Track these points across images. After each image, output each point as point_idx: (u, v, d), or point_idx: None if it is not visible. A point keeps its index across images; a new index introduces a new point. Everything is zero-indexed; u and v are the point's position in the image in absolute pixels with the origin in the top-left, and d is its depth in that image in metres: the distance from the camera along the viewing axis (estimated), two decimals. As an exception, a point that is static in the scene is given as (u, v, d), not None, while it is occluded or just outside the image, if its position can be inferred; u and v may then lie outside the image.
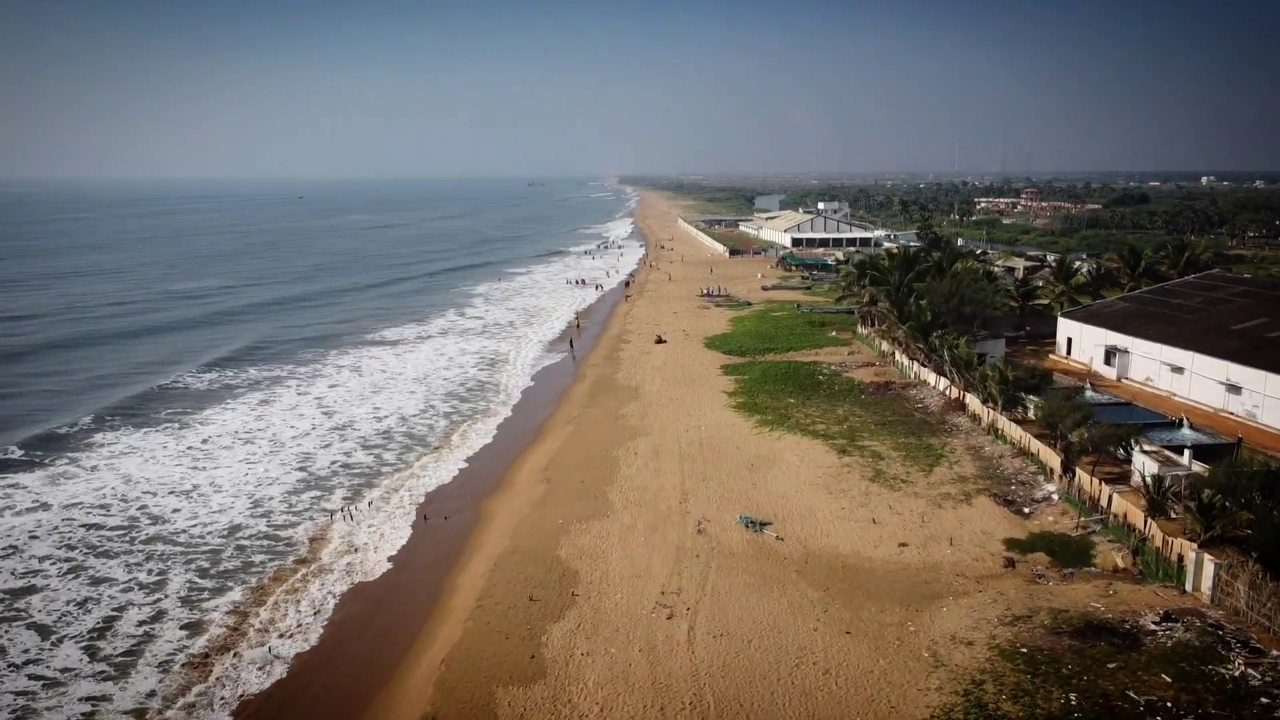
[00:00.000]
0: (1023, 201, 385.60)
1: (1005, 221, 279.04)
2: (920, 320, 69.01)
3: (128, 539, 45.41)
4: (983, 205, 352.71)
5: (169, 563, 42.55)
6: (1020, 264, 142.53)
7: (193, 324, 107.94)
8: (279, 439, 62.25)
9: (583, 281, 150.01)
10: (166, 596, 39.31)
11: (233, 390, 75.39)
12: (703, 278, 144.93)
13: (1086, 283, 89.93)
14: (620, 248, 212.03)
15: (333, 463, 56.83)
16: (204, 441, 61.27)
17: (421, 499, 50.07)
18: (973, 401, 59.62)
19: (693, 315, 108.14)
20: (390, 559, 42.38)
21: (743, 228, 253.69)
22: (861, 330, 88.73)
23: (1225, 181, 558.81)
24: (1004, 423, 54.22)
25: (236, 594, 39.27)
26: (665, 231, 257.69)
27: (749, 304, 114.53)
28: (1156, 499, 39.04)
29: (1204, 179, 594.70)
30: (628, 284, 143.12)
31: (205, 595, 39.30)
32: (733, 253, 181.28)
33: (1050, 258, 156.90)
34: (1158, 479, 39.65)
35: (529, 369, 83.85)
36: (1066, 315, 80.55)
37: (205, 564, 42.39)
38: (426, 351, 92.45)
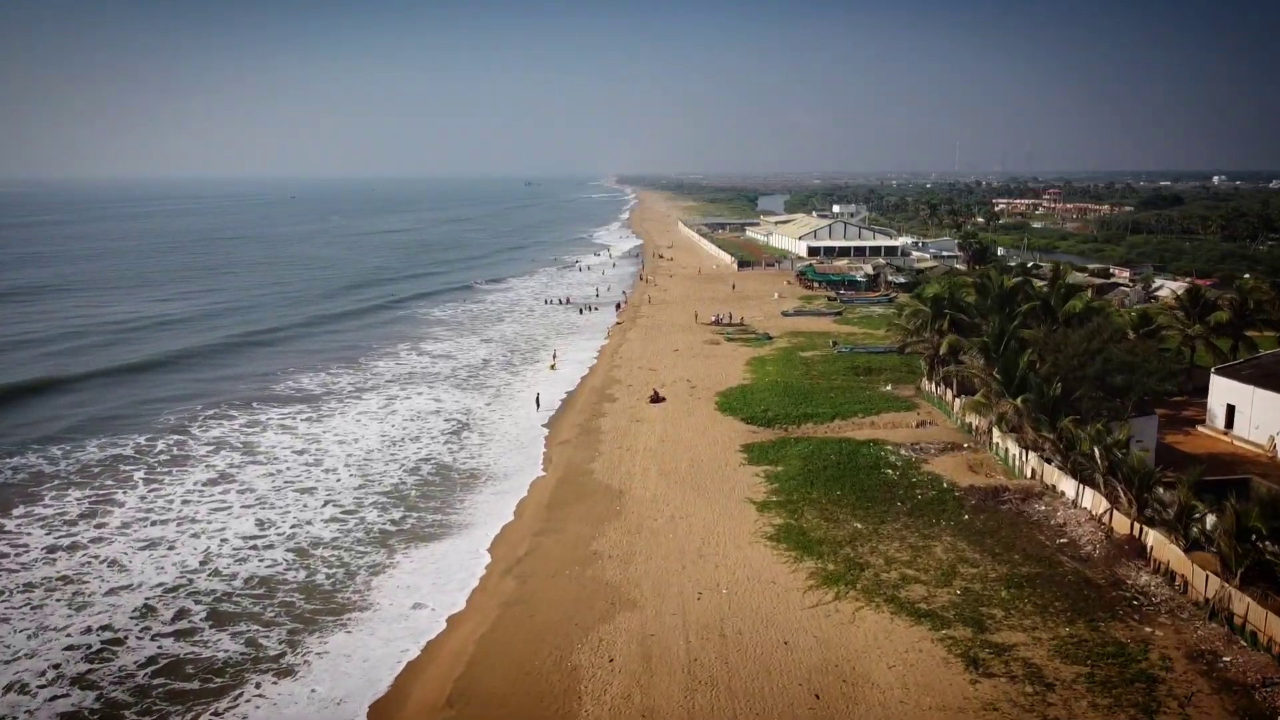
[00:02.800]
0: (1045, 203, 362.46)
1: (1035, 225, 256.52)
2: (1046, 394, 46.22)
3: None
4: (1001, 207, 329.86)
5: None
6: (1088, 282, 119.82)
7: (50, 381, 78.93)
8: (84, 591, 39.70)
9: (567, 301, 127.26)
10: None
11: (40, 490, 52.30)
12: (709, 297, 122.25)
13: (1230, 320, 66.99)
14: (613, 259, 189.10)
15: (146, 663, 33.89)
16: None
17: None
18: (1162, 546, 36.79)
19: (699, 354, 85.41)
20: None
21: (750, 233, 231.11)
22: (928, 387, 65.92)
23: (1238, 182, 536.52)
24: (1254, 612, 31.31)
25: None
26: (664, 237, 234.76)
27: (769, 337, 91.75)
28: None
29: (1215, 178, 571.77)
30: (619, 306, 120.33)
31: None
32: (742, 264, 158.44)
33: (1117, 271, 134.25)
34: None
35: (510, 437, 61.59)
36: (1224, 372, 57.80)
37: None
38: (368, 411, 69.64)
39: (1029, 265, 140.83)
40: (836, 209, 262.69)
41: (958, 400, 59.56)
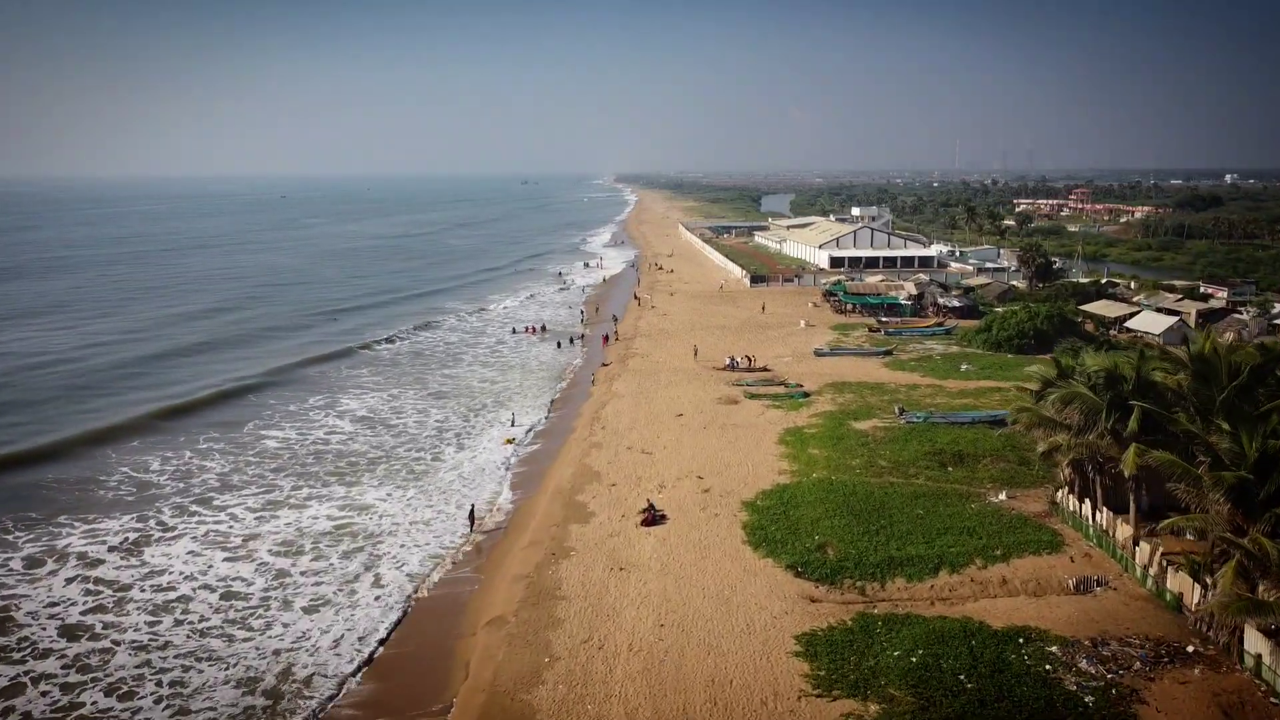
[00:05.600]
0: (1071, 203, 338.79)
1: (1070, 229, 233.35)
2: None
3: None
4: (1023, 208, 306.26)
5: None
6: (1190, 307, 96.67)
7: None
8: None
9: (543, 329, 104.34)
10: None
11: None
12: (719, 325, 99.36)
13: None
14: (604, 271, 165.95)
15: None
16: None
17: None
18: None
19: (711, 420, 62.25)
20: None
21: (759, 239, 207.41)
22: (1073, 505, 42.61)
23: (1251, 180, 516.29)
24: None
25: None
26: (663, 243, 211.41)
27: (805, 393, 68.49)
28: None
29: (1228, 177, 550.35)
30: (607, 337, 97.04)
31: None
32: (755, 279, 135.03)
33: (1211, 290, 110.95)
34: None
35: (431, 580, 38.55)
36: None
37: None
38: (226, 532, 46.65)
39: (1102, 282, 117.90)
40: (857, 211, 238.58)
41: (1141, 548, 36.38)
